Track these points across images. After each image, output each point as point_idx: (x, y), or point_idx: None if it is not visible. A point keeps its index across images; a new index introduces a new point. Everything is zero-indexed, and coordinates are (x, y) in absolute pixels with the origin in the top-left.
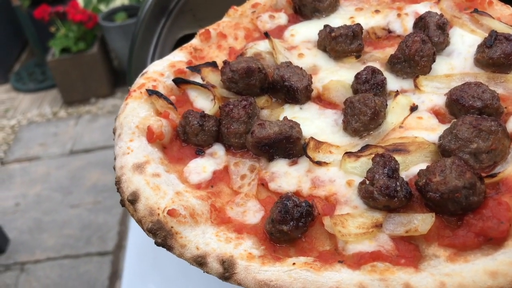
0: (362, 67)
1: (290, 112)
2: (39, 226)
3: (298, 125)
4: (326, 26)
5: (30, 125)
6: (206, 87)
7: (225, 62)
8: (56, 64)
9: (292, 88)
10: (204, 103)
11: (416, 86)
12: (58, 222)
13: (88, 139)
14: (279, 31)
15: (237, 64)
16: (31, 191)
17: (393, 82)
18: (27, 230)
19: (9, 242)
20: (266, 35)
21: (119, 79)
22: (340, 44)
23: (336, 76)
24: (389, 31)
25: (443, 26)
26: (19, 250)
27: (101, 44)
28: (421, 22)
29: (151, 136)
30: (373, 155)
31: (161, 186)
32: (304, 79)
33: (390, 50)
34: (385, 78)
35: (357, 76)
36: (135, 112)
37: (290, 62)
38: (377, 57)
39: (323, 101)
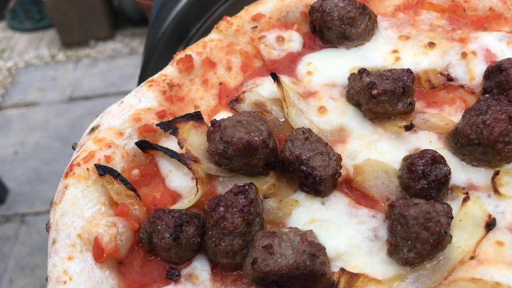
0: (411, 138)
1: (308, 209)
2: (38, 176)
3: (323, 250)
4: (362, 73)
5: (28, 67)
6: (184, 162)
7: (213, 123)
8: (54, 4)
9: (312, 176)
10: (181, 181)
11: (495, 189)
12: (58, 173)
13: (87, 85)
14: (291, 62)
15: (232, 132)
16: (30, 139)
17: (457, 170)
18: (26, 180)
19: (8, 192)
20: (274, 77)
21: (119, 20)
22: (383, 104)
23: (374, 152)
24: (449, 78)
25: None
26: (19, 201)
27: None
28: (500, 74)
29: (100, 254)
30: None
31: None
32: (330, 162)
33: (451, 111)
34: (450, 172)
35: (410, 168)
36: (77, 207)
37: (309, 130)
38: (433, 123)
39: (354, 190)
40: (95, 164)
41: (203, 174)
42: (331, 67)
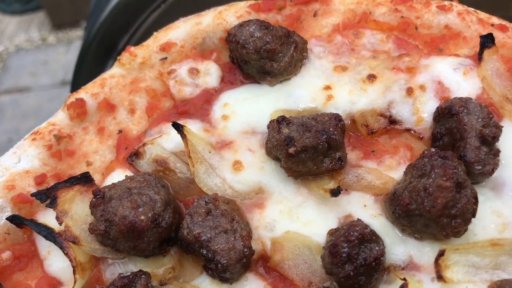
0: (341, 201)
1: None
2: None
3: None
4: (281, 122)
5: (19, 52)
6: (59, 245)
7: (96, 194)
8: None
9: (214, 263)
10: (62, 264)
11: (439, 274)
12: None
13: None
14: (205, 102)
15: (115, 207)
16: (23, 126)
17: (395, 243)
18: None
19: None
20: (176, 127)
21: None
22: (305, 163)
23: (296, 221)
24: (391, 120)
25: (492, 141)
26: None
27: None
28: (450, 119)
29: None
30: None
31: None
32: (236, 244)
33: (393, 164)
34: (382, 254)
35: (332, 251)
36: None
37: (215, 200)
38: (368, 182)
39: (271, 271)
40: None
41: (85, 258)
42: (250, 109)
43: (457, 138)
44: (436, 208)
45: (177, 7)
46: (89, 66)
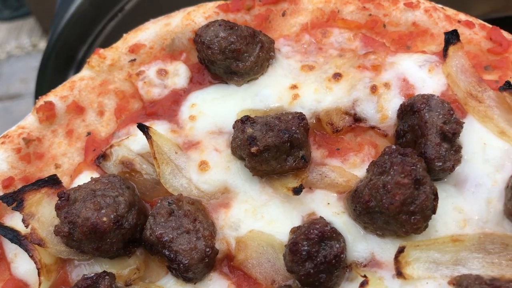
0: (305, 199)
1: None
2: None
3: None
4: (245, 122)
5: (9, 59)
6: (24, 247)
7: (60, 196)
8: None
9: (176, 263)
10: (30, 266)
11: (398, 271)
12: None
13: None
14: (174, 103)
15: (79, 209)
16: None
17: (357, 241)
18: None
19: None
20: (141, 129)
21: None
22: (268, 162)
23: (260, 219)
24: (356, 118)
25: (452, 137)
26: None
27: None
28: (412, 116)
29: None
30: None
31: None
32: (198, 244)
33: (357, 162)
34: (342, 251)
35: (292, 249)
36: None
37: (178, 201)
38: (331, 180)
39: (235, 270)
40: None
41: (51, 260)
42: (217, 109)
43: (418, 135)
44: (394, 205)
45: (135, 16)
46: (50, 78)
